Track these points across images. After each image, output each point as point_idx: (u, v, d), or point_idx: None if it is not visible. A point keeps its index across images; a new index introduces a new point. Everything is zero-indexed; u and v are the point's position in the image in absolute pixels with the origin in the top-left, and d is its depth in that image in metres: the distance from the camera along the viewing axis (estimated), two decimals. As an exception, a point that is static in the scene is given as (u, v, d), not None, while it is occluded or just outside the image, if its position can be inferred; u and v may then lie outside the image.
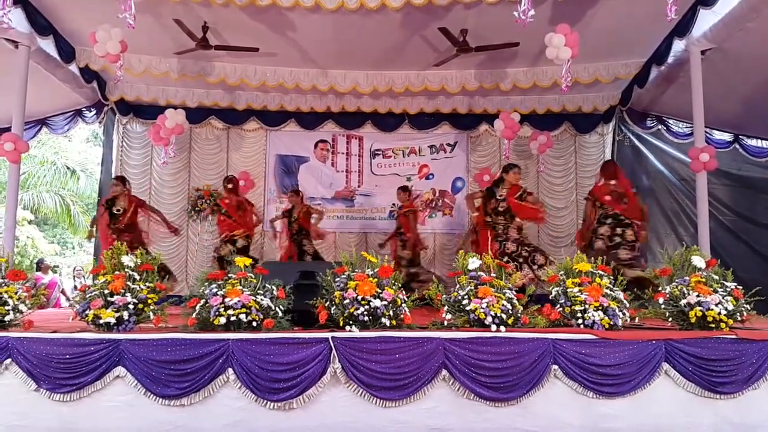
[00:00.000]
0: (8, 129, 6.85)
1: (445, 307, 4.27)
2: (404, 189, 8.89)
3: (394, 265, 7.67)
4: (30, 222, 16.10)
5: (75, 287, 11.65)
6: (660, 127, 9.20)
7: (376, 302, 3.98)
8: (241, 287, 4.07)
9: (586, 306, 4.13)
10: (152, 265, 4.35)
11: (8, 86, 6.93)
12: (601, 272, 4.39)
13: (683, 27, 6.73)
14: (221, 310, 3.94)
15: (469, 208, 8.29)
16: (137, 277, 4.22)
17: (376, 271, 4.19)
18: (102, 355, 3.83)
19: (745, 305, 4.26)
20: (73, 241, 19.26)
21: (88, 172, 17.44)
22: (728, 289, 4.29)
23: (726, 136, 8.92)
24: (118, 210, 7.51)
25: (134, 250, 4.53)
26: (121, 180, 7.88)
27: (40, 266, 10.99)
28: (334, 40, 7.67)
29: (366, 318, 3.97)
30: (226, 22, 7.11)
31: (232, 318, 3.91)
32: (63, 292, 11.17)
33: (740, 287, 4.35)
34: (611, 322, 4.13)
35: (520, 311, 4.23)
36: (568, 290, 4.26)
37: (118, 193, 7.60)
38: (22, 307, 4.27)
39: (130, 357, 3.83)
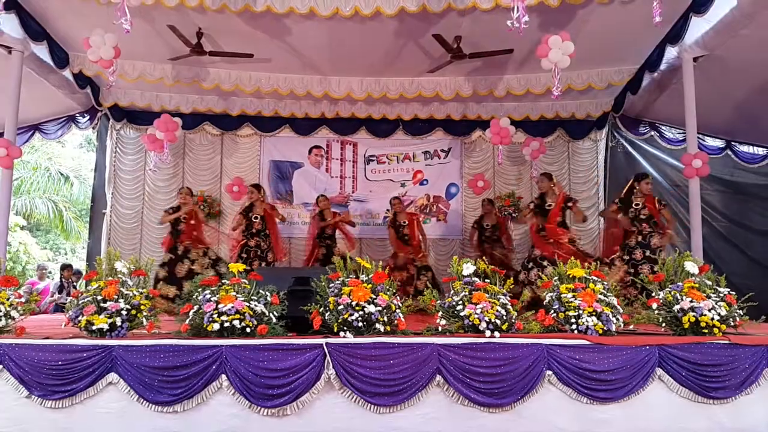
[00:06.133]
0: (1, 134, 6.86)
1: (440, 313, 4.28)
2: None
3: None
4: (22, 228, 16.03)
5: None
6: (653, 133, 9.26)
7: (371, 308, 3.97)
8: (234, 293, 4.07)
9: (580, 311, 4.15)
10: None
11: (1, 91, 6.91)
12: (594, 278, 4.41)
13: (675, 34, 6.80)
14: (215, 316, 3.92)
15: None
16: (130, 283, 4.21)
17: (370, 276, 4.19)
18: (94, 362, 3.80)
19: (737, 311, 4.29)
20: (66, 247, 19.16)
21: (82, 178, 17.36)
22: (721, 295, 4.31)
23: (718, 143, 9.01)
24: (255, 217, 7.96)
25: None
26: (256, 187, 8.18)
27: (42, 271, 10.88)
28: (329, 46, 7.69)
29: (360, 324, 3.96)
30: (221, 28, 7.13)
31: (226, 324, 3.90)
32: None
33: (733, 293, 4.38)
34: (605, 328, 4.14)
35: (514, 317, 4.24)
36: (562, 296, 4.27)
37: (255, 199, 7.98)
38: (14, 313, 4.24)
39: (123, 363, 3.80)
